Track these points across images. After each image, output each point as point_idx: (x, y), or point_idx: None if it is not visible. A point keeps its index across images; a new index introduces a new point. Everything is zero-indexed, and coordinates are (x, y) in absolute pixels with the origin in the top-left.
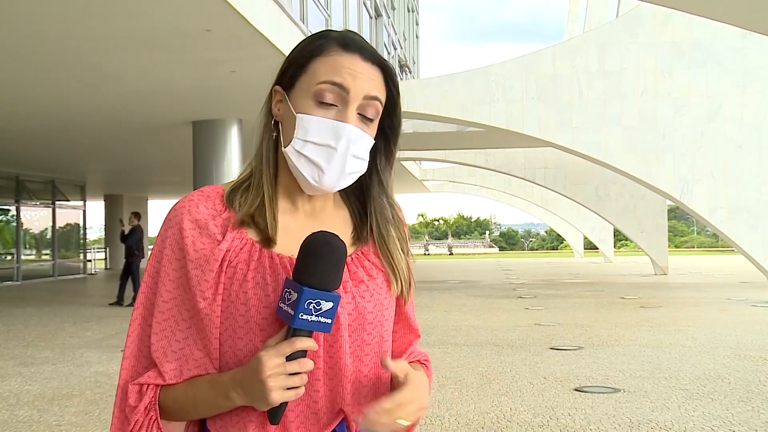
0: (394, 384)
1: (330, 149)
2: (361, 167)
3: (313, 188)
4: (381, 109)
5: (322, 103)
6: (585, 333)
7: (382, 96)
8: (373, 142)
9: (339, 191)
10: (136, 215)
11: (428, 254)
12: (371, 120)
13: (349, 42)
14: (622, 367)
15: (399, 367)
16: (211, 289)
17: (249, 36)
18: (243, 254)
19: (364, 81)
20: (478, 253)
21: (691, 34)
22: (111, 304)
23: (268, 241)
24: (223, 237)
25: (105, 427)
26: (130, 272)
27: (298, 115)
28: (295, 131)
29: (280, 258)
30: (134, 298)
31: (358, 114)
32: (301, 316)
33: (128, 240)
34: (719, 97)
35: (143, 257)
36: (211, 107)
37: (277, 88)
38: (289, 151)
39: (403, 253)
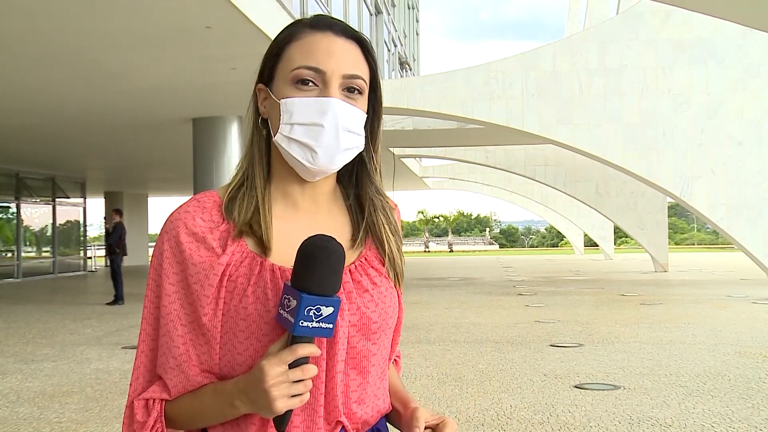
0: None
1: (317, 127)
2: (357, 142)
3: (311, 172)
4: (365, 83)
5: (302, 85)
6: (585, 330)
7: (363, 72)
8: (366, 115)
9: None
10: (118, 212)
11: (428, 251)
12: (359, 93)
13: (319, 21)
14: (622, 364)
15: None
16: (211, 304)
17: (249, 33)
18: (243, 268)
19: (340, 58)
20: (479, 250)
21: (692, 31)
22: (108, 304)
23: (264, 249)
24: (223, 250)
25: (105, 423)
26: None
27: (281, 100)
28: (281, 117)
29: (282, 271)
30: (115, 297)
31: (343, 90)
32: (302, 323)
33: (109, 238)
34: (719, 94)
35: (125, 255)
36: (211, 104)
37: (260, 85)
38: (278, 139)
39: (392, 235)
